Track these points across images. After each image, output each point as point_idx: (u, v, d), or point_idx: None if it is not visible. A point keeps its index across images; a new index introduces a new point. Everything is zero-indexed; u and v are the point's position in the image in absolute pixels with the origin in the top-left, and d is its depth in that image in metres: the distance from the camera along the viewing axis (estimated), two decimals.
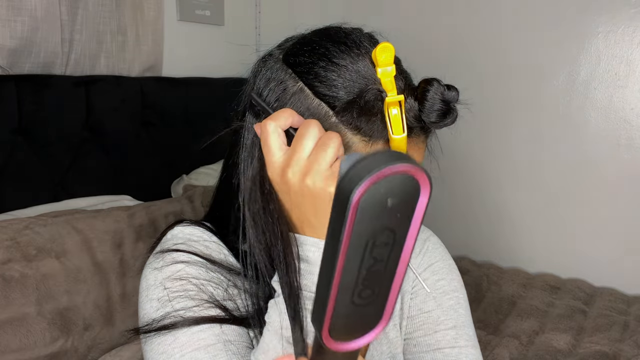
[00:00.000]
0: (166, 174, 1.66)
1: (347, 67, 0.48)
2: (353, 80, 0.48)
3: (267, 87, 0.51)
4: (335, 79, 0.48)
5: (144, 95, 1.57)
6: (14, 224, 1.08)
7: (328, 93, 0.48)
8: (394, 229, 0.28)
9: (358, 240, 0.27)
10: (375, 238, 0.28)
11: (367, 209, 0.26)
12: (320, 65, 0.49)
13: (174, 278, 0.50)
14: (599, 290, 1.87)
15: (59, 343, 1.05)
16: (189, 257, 0.52)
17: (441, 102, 0.47)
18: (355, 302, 0.30)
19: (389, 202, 0.27)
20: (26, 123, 1.29)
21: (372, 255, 0.28)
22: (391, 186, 0.26)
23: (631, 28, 1.80)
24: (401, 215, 0.28)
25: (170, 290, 0.49)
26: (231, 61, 2.02)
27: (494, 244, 2.17)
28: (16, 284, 1.02)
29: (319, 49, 0.50)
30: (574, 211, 1.98)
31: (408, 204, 0.27)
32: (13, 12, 1.28)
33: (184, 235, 0.56)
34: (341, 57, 0.49)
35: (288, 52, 0.52)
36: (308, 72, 0.49)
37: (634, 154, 1.85)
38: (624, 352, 1.44)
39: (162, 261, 0.52)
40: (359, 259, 0.28)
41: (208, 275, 0.51)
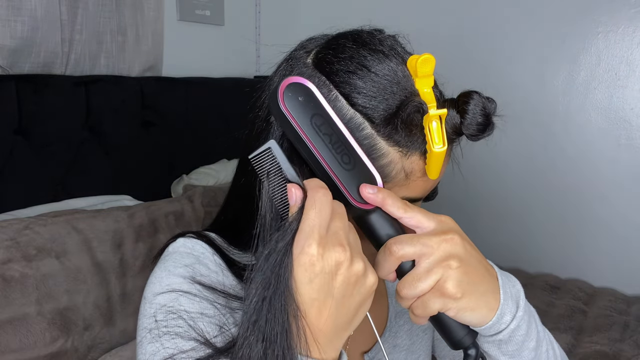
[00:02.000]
0: (166, 174, 1.66)
1: (385, 78, 0.47)
2: (393, 92, 0.46)
3: None
4: (374, 91, 0.46)
5: (144, 95, 1.57)
6: (14, 224, 1.08)
7: (367, 105, 0.46)
8: (317, 112, 0.44)
9: (306, 126, 0.43)
10: (312, 121, 0.43)
11: (291, 105, 0.43)
12: (358, 75, 0.47)
13: (167, 310, 0.48)
14: (599, 290, 1.87)
15: (59, 343, 1.05)
16: (188, 287, 0.50)
17: (482, 115, 0.47)
18: (346, 167, 0.44)
19: (300, 98, 0.44)
20: (26, 123, 1.29)
21: (324, 132, 0.44)
22: (295, 90, 0.44)
23: (631, 28, 1.80)
24: (313, 103, 0.44)
25: (161, 324, 0.48)
26: (231, 61, 2.04)
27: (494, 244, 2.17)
28: (16, 284, 1.02)
29: (356, 57, 0.48)
30: (573, 211, 1.98)
31: (309, 95, 0.44)
32: (13, 12, 1.28)
33: (186, 250, 0.54)
34: (379, 67, 0.47)
35: (320, 57, 0.49)
36: (345, 82, 0.47)
37: (634, 154, 1.85)
38: (624, 352, 1.44)
39: (159, 284, 0.51)
40: (319, 138, 0.44)
41: (201, 305, 0.49)
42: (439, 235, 0.44)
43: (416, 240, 0.44)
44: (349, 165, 0.44)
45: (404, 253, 0.43)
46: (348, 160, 0.44)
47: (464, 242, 0.45)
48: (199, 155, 1.75)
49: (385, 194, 0.45)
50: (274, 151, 0.44)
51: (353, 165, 0.44)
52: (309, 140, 0.43)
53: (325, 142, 0.44)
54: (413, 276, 0.43)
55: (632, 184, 1.86)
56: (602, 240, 1.94)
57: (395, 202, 0.45)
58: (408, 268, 0.44)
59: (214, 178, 1.67)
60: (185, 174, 1.67)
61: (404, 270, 0.44)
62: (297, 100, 0.43)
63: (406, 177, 0.47)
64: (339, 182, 0.44)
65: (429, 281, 0.43)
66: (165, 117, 1.64)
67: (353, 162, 0.44)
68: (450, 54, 2.09)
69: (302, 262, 0.40)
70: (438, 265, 0.43)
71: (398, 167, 0.47)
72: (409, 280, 0.44)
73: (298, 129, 0.43)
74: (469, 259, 0.44)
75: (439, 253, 0.43)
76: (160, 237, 1.28)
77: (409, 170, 0.47)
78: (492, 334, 0.47)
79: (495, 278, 0.47)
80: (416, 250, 0.43)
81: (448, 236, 0.44)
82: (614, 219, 1.91)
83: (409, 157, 0.47)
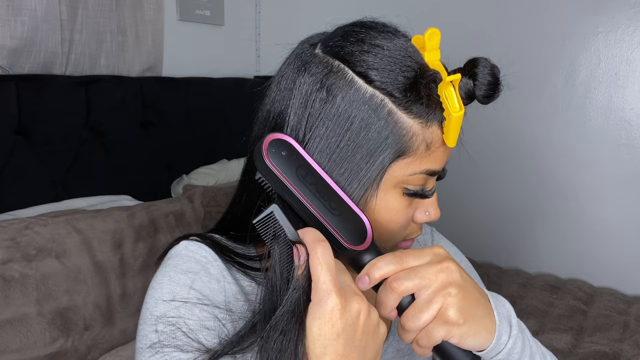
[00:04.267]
0: (166, 174, 1.66)
1: (398, 53, 0.48)
2: (407, 65, 0.48)
3: None
4: (390, 66, 0.48)
5: (144, 95, 1.57)
6: (14, 224, 1.08)
7: (384, 80, 0.47)
8: (300, 164, 0.46)
9: (293, 179, 0.45)
10: (298, 173, 0.46)
11: (277, 161, 0.45)
12: (372, 53, 0.48)
13: (167, 321, 0.48)
14: (599, 290, 1.87)
15: (59, 343, 1.05)
16: (188, 296, 0.50)
17: (491, 75, 0.49)
18: (334, 213, 0.46)
19: (283, 152, 0.46)
20: (26, 123, 1.29)
21: (309, 182, 0.46)
22: (276, 146, 0.46)
23: (631, 28, 1.80)
24: (296, 156, 0.46)
25: (161, 335, 0.48)
26: (231, 61, 2.04)
27: (494, 244, 2.17)
28: (16, 284, 1.02)
29: (367, 38, 0.49)
30: (574, 211, 1.98)
31: (291, 150, 0.46)
32: (13, 12, 1.28)
33: (188, 253, 0.53)
34: (390, 44, 0.49)
35: (329, 45, 0.50)
36: (360, 62, 0.48)
37: (634, 154, 1.85)
38: (624, 352, 1.44)
39: (160, 291, 0.50)
40: (307, 189, 0.46)
41: (201, 316, 0.49)
42: (434, 265, 0.45)
43: (414, 273, 0.45)
44: (337, 210, 0.46)
45: (404, 288, 0.44)
46: (336, 206, 0.46)
47: (459, 269, 0.46)
48: (199, 155, 1.75)
49: (374, 268, 0.46)
50: (276, 214, 0.45)
51: (341, 211, 0.46)
52: (298, 192, 0.45)
53: (312, 192, 0.46)
54: (415, 308, 0.45)
55: (631, 183, 1.86)
56: (602, 240, 1.94)
57: (387, 264, 0.46)
58: (407, 303, 0.45)
59: (214, 178, 1.67)
60: (185, 174, 1.67)
61: (404, 306, 0.45)
62: (281, 155, 0.46)
63: (427, 147, 0.49)
64: (332, 229, 0.46)
65: (431, 311, 0.44)
66: (165, 117, 1.64)
67: (340, 208, 0.46)
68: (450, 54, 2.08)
69: (327, 318, 0.41)
70: (438, 294, 0.44)
71: (420, 138, 0.48)
72: (411, 313, 0.45)
73: (287, 182, 0.45)
74: (465, 285, 0.46)
75: (437, 283, 0.45)
76: (160, 237, 1.28)
77: (430, 140, 0.49)
78: (492, 355, 0.49)
79: (488, 300, 0.49)
80: (415, 283, 0.45)
81: (444, 265, 0.46)
82: (614, 219, 1.91)
83: (429, 128, 0.49)
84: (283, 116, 0.49)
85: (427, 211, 0.53)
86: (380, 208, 0.50)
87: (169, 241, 1.40)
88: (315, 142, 0.48)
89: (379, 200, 0.50)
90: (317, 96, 0.48)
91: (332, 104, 0.47)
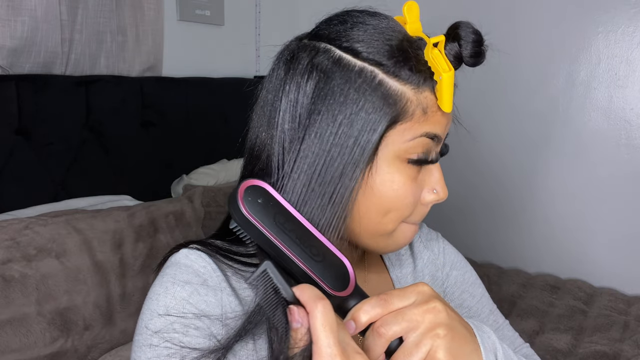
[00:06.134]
0: (166, 174, 1.66)
1: (381, 26, 0.50)
2: (391, 35, 0.49)
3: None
4: (375, 37, 0.49)
5: (144, 95, 1.57)
6: (14, 224, 1.08)
7: (371, 50, 0.48)
8: (278, 211, 0.45)
9: (271, 227, 0.43)
10: (276, 220, 0.44)
11: (254, 209, 0.43)
12: (356, 27, 0.50)
13: (161, 337, 0.48)
14: (599, 290, 1.87)
15: (59, 343, 1.05)
16: (183, 310, 0.50)
17: (474, 34, 0.50)
18: (316, 259, 0.44)
19: (259, 200, 0.44)
20: (26, 123, 1.29)
21: (288, 229, 0.44)
22: (252, 193, 0.44)
23: (631, 28, 1.80)
24: (273, 202, 0.45)
25: (155, 352, 0.48)
26: (231, 61, 2.04)
27: (494, 244, 2.17)
28: (16, 284, 1.02)
29: (349, 19, 0.51)
30: (573, 211, 1.98)
31: (267, 196, 0.45)
32: (13, 12, 1.28)
33: (187, 262, 0.52)
34: (373, 20, 0.51)
35: (314, 32, 0.52)
36: (345, 37, 0.49)
37: (634, 154, 1.85)
38: (624, 352, 1.44)
39: (157, 303, 0.50)
40: (287, 236, 0.44)
41: (196, 333, 0.49)
42: (421, 306, 0.44)
43: (400, 317, 0.44)
44: (318, 257, 0.45)
45: (392, 333, 0.43)
46: (317, 252, 0.45)
47: (446, 307, 0.45)
48: (199, 155, 1.75)
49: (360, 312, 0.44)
50: (270, 272, 0.43)
51: (323, 257, 0.45)
52: (278, 241, 0.43)
53: (293, 239, 0.44)
54: (404, 352, 0.43)
55: (631, 184, 1.86)
56: (602, 240, 1.94)
57: (373, 307, 0.44)
58: (395, 346, 0.44)
59: (214, 178, 1.67)
60: (185, 174, 1.67)
61: (392, 350, 0.44)
62: (257, 203, 0.44)
63: (423, 112, 0.49)
64: (316, 277, 0.44)
65: (420, 354, 0.43)
66: (165, 117, 1.64)
67: (322, 254, 0.45)
68: None
69: None
70: (426, 336, 0.43)
71: (415, 103, 0.49)
72: (400, 358, 0.43)
73: (266, 231, 0.43)
74: (452, 323, 0.45)
75: (425, 324, 0.43)
76: (160, 237, 1.28)
77: (425, 105, 0.49)
78: None
79: (474, 335, 0.48)
80: (402, 327, 0.43)
81: (430, 305, 0.44)
82: (614, 219, 1.91)
83: (422, 93, 0.49)
84: (272, 116, 0.50)
85: (434, 189, 0.53)
86: (386, 181, 0.50)
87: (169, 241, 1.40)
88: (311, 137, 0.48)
89: (384, 174, 0.50)
90: (307, 83, 0.49)
91: (326, 82, 0.48)
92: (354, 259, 0.62)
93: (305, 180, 0.48)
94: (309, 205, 0.48)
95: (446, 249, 0.73)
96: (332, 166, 0.48)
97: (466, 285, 0.71)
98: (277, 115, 0.50)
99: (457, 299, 0.70)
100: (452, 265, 0.71)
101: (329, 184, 0.48)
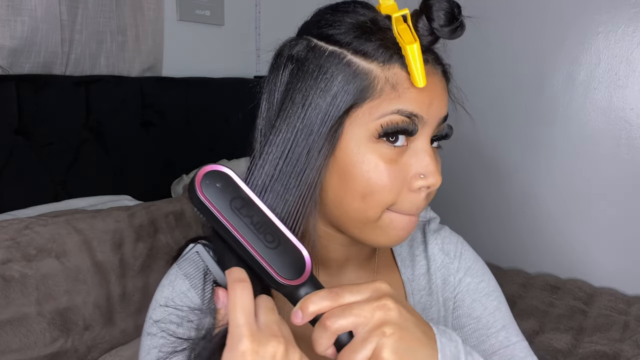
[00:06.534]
0: (166, 174, 1.66)
1: (352, 9, 0.51)
2: (359, 17, 0.50)
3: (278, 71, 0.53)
4: (344, 19, 0.50)
5: (144, 95, 1.57)
6: (14, 224, 1.08)
7: (339, 32, 0.49)
8: (237, 195, 0.45)
9: (226, 211, 0.44)
10: (232, 205, 0.44)
11: (209, 193, 0.44)
12: (329, 15, 0.51)
13: (158, 326, 0.51)
14: (599, 290, 1.87)
15: (59, 343, 1.05)
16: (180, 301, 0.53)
17: (446, 2, 0.48)
18: (270, 246, 0.44)
19: (218, 184, 0.44)
20: (26, 123, 1.29)
21: (244, 215, 0.44)
22: (212, 177, 0.44)
23: (631, 28, 1.80)
24: (232, 187, 0.45)
25: (153, 341, 0.51)
26: (231, 61, 2.04)
27: (494, 244, 2.17)
28: (16, 284, 1.02)
29: (326, 11, 0.53)
30: (574, 211, 1.98)
31: (227, 180, 0.45)
32: (13, 12, 1.28)
33: (194, 257, 0.55)
34: (347, 7, 0.52)
35: (298, 32, 0.55)
36: (320, 25, 0.51)
37: (634, 154, 1.85)
38: (624, 352, 1.44)
39: (160, 294, 0.54)
40: (241, 221, 0.44)
41: (190, 325, 0.50)
42: (371, 302, 0.43)
43: (348, 311, 0.42)
44: (273, 243, 0.45)
45: (338, 326, 0.42)
46: (272, 239, 0.45)
47: (399, 306, 0.43)
48: (199, 155, 1.75)
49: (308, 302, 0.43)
50: (201, 255, 0.44)
51: (278, 243, 0.45)
52: (230, 224, 0.44)
53: (247, 224, 0.44)
54: (350, 348, 0.42)
55: (632, 183, 1.86)
56: (602, 240, 1.94)
57: (321, 299, 0.43)
58: (346, 340, 0.43)
59: None
60: (185, 174, 1.67)
61: (342, 343, 0.43)
62: (214, 187, 0.44)
63: (393, 88, 0.48)
64: (265, 263, 0.44)
65: (365, 351, 0.42)
66: (165, 117, 1.64)
67: (277, 240, 0.45)
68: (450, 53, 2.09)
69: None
70: (372, 333, 0.42)
71: (382, 80, 0.48)
72: (346, 353, 0.42)
73: (218, 214, 0.44)
74: (404, 323, 0.43)
75: (373, 321, 0.42)
76: (161, 237, 1.28)
77: (394, 81, 0.48)
78: None
79: (434, 340, 0.46)
80: (349, 321, 0.42)
81: (381, 302, 0.43)
82: (614, 219, 1.91)
83: (390, 69, 0.48)
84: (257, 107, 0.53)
85: (420, 173, 0.50)
86: (356, 162, 0.49)
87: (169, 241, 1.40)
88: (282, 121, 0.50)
89: (354, 155, 0.49)
90: (284, 72, 0.51)
91: (299, 69, 0.50)
92: (361, 257, 0.61)
93: (274, 163, 0.49)
94: (276, 188, 0.49)
95: (464, 254, 0.70)
96: (299, 147, 0.48)
97: (479, 294, 0.68)
98: (260, 105, 0.53)
99: (467, 308, 0.67)
100: (466, 271, 0.69)
101: (296, 165, 0.49)
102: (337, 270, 0.61)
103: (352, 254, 0.60)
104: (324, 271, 0.60)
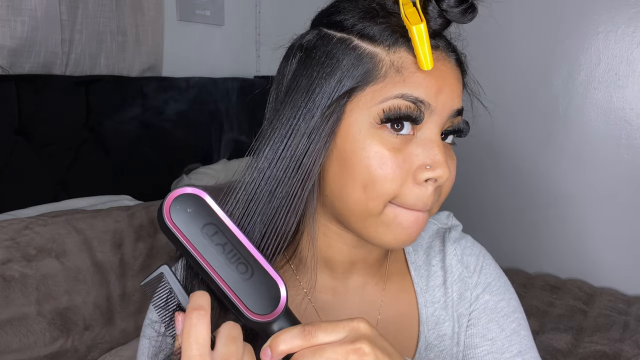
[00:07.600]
0: (166, 174, 1.66)
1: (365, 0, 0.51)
2: (370, 2, 0.49)
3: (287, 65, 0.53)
4: (351, 6, 0.49)
5: (144, 95, 1.57)
6: (14, 224, 1.08)
7: (347, 18, 0.49)
8: (209, 222, 0.41)
9: (196, 239, 0.41)
10: (204, 232, 0.41)
11: (179, 219, 0.41)
12: (339, 6, 0.51)
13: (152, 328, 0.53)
14: (599, 290, 1.87)
15: (59, 343, 1.05)
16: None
17: None
18: (243, 277, 0.41)
19: (189, 210, 0.41)
20: (26, 123, 1.29)
21: (216, 242, 0.41)
22: (183, 202, 0.41)
23: (631, 28, 1.80)
24: (205, 212, 0.41)
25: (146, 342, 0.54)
26: (231, 61, 2.04)
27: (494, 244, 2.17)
28: (16, 284, 1.02)
29: (336, 3, 0.52)
30: (573, 211, 1.98)
31: (200, 204, 0.41)
32: (13, 12, 1.28)
33: None
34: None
35: (312, 23, 0.55)
36: (330, 15, 0.51)
37: (634, 154, 1.85)
38: (624, 352, 1.44)
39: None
40: (211, 250, 0.41)
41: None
42: (346, 345, 0.40)
43: (319, 353, 0.39)
44: (246, 274, 0.42)
45: None
46: (245, 269, 0.42)
47: (375, 350, 0.40)
48: (199, 156, 1.75)
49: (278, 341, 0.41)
50: (167, 277, 0.41)
51: (251, 274, 0.42)
52: (198, 255, 0.41)
53: (218, 253, 0.41)
54: None
55: (632, 184, 1.86)
56: (602, 240, 1.94)
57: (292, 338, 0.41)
58: None
59: (214, 178, 1.67)
60: (185, 174, 1.67)
61: None
62: (185, 213, 0.41)
63: (397, 71, 0.46)
64: (234, 297, 0.41)
65: None
66: (165, 117, 1.64)
67: (251, 270, 0.42)
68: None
69: None
70: None
71: (387, 63, 0.47)
72: None
73: (187, 243, 0.41)
74: None
75: None
76: (160, 237, 1.28)
77: (399, 64, 0.46)
78: None
79: None
80: None
81: (356, 346, 0.39)
82: (614, 219, 1.91)
83: (395, 53, 0.47)
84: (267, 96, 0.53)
85: (427, 164, 0.47)
86: (356, 149, 0.47)
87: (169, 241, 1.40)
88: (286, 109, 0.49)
89: (355, 141, 0.47)
90: (292, 61, 0.51)
91: (307, 56, 0.49)
92: (369, 261, 0.58)
93: (275, 147, 0.48)
94: (275, 173, 0.47)
95: (485, 269, 0.63)
96: (300, 131, 0.47)
97: (497, 314, 0.60)
98: (269, 96, 0.52)
99: (482, 328, 0.60)
100: (485, 287, 0.62)
101: (297, 149, 0.47)
102: (343, 274, 0.57)
103: (359, 256, 0.56)
104: (328, 274, 0.57)
